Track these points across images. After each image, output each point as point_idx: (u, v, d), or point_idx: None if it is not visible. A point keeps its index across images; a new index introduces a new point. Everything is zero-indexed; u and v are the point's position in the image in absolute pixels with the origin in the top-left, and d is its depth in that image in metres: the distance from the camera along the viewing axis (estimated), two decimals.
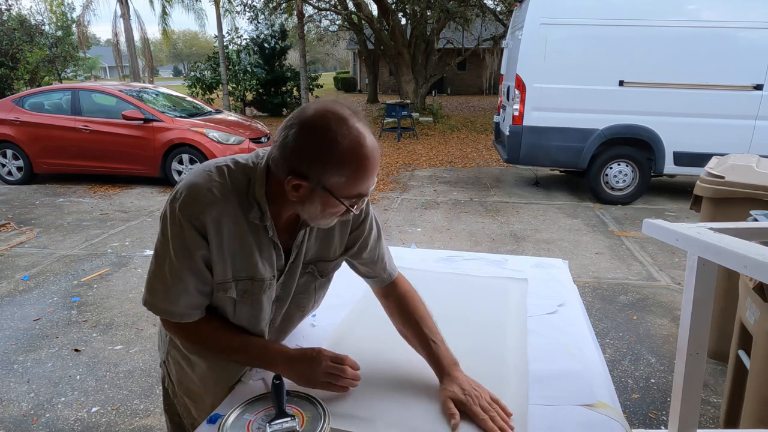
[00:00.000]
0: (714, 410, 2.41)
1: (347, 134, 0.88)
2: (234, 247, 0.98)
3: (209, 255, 0.97)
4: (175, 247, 0.96)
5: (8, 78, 12.89)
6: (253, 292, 1.03)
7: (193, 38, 56.74)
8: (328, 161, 0.88)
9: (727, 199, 2.68)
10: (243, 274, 1.01)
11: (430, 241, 4.84)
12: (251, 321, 1.08)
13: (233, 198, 0.96)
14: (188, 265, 0.97)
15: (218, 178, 0.96)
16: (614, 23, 5.72)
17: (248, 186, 0.97)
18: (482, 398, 1.01)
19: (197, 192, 0.94)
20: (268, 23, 16.81)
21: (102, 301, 3.60)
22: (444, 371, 1.07)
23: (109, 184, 7.27)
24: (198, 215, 0.93)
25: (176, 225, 0.94)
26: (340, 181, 0.89)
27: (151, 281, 1.00)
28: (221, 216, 0.95)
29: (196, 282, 0.99)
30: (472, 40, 19.05)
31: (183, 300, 0.99)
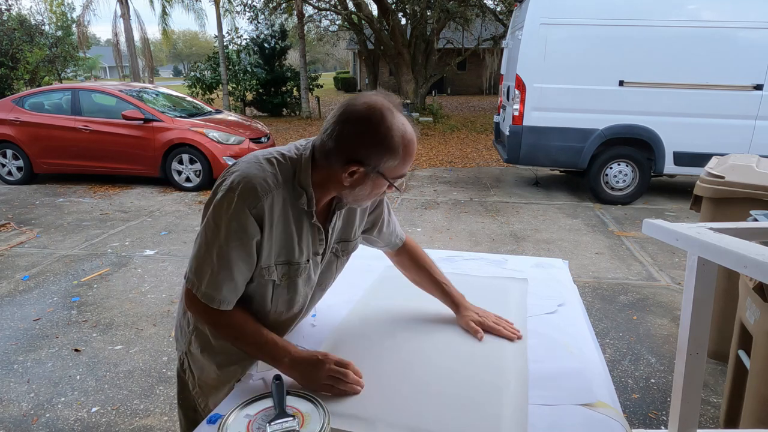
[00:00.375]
0: (714, 410, 2.41)
1: (397, 124, 1.01)
2: (279, 233, 1.06)
3: (261, 241, 1.04)
4: (231, 234, 1.01)
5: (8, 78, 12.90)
6: (290, 276, 1.12)
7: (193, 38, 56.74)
8: (386, 149, 1.00)
9: (727, 199, 2.68)
10: (282, 258, 1.09)
11: (430, 241, 4.84)
12: (288, 304, 1.16)
13: (283, 187, 1.04)
14: (240, 252, 1.03)
15: (270, 169, 1.04)
16: (614, 23, 5.72)
17: (294, 175, 1.06)
18: (491, 317, 1.32)
19: (255, 182, 1.01)
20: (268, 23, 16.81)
21: (102, 301, 3.60)
22: (459, 304, 1.35)
23: (109, 184, 7.27)
24: (256, 203, 1.00)
25: (235, 213, 1.00)
26: (393, 164, 1.02)
27: (199, 265, 1.05)
28: (274, 204, 1.03)
29: (243, 268, 1.05)
30: (472, 40, 19.04)
31: (225, 286, 1.04)
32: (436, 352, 1.22)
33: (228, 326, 1.09)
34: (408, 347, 1.24)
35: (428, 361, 1.18)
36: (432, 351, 1.22)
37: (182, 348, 1.28)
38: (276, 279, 1.10)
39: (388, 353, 1.21)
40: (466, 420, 0.98)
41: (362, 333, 1.32)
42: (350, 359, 1.19)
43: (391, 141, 1.00)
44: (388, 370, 1.15)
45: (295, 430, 0.89)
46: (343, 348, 1.25)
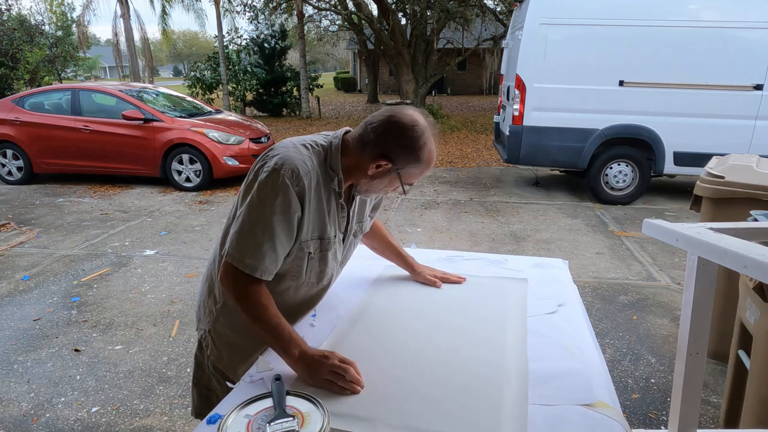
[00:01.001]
0: (714, 410, 2.41)
1: (429, 141, 1.18)
2: (315, 210, 1.19)
3: (302, 217, 1.16)
4: (275, 209, 1.12)
5: (8, 78, 12.90)
6: (322, 249, 1.25)
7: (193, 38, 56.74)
8: (414, 158, 1.17)
9: (727, 199, 2.68)
10: (316, 233, 1.22)
11: (430, 241, 4.84)
12: (319, 275, 1.30)
13: (318, 169, 1.18)
14: (284, 225, 1.13)
15: (307, 153, 1.18)
16: (614, 23, 5.72)
17: (325, 160, 1.21)
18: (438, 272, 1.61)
19: (297, 163, 1.13)
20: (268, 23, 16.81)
21: (102, 301, 3.60)
22: (412, 265, 1.61)
23: (109, 184, 7.27)
24: (299, 182, 1.12)
25: (281, 189, 1.11)
26: (413, 171, 1.19)
27: (242, 240, 1.13)
28: (311, 183, 1.16)
29: (285, 242, 1.15)
30: (472, 40, 19.04)
31: (268, 257, 1.14)
32: (436, 352, 1.22)
33: (256, 302, 1.15)
34: (408, 347, 1.24)
35: (428, 361, 1.18)
36: (432, 351, 1.22)
37: (204, 327, 1.37)
38: (311, 252, 1.23)
39: (388, 353, 1.22)
40: (466, 420, 0.98)
41: (362, 333, 1.32)
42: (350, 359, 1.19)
43: (421, 153, 1.16)
44: (388, 370, 1.15)
45: (295, 430, 0.89)
46: (342, 348, 1.24)
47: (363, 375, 1.08)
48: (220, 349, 1.36)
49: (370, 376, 1.11)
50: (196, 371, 1.46)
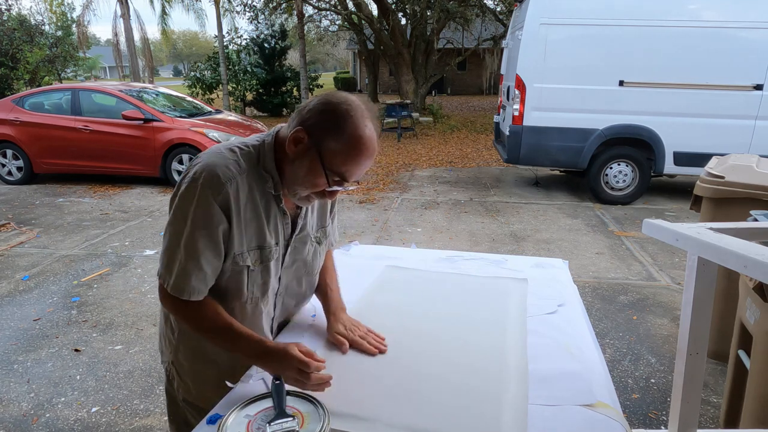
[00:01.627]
0: (714, 410, 2.41)
1: (358, 117, 1.02)
2: (248, 219, 1.08)
3: (229, 229, 1.05)
4: (197, 223, 1.02)
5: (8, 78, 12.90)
6: (263, 260, 1.13)
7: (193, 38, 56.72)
8: (333, 127, 1.01)
9: (727, 199, 2.68)
10: (254, 243, 1.10)
11: (430, 241, 4.84)
12: (263, 287, 1.16)
13: (248, 173, 1.06)
14: (207, 240, 1.03)
15: (232, 156, 1.06)
16: (614, 23, 5.72)
17: (258, 160, 1.08)
18: (359, 330, 1.23)
19: (217, 170, 1.02)
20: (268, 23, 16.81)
21: (102, 301, 3.60)
22: (331, 313, 1.28)
23: (109, 184, 7.27)
24: (220, 190, 1.01)
25: (200, 202, 1.01)
26: (333, 148, 1.01)
27: (167, 259, 1.06)
28: (238, 190, 1.04)
29: (211, 258, 1.05)
30: (472, 40, 19.04)
31: (194, 276, 1.05)
32: (436, 352, 1.22)
33: (201, 319, 1.09)
34: (408, 347, 1.24)
35: (428, 360, 1.18)
36: (432, 351, 1.22)
37: (168, 358, 1.27)
38: (250, 264, 1.11)
39: (387, 353, 1.21)
40: (466, 420, 0.98)
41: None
42: (350, 359, 1.19)
43: (342, 124, 1.00)
44: (387, 370, 1.15)
45: (295, 430, 0.89)
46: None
47: (363, 375, 1.08)
48: (186, 382, 1.25)
49: (370, 376, 1.11)
50: (170, 406, 1.34)
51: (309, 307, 1.45)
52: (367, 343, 1.20)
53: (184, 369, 1.24)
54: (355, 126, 1.01)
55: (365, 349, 1.18)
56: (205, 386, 1.22)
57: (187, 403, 1.27)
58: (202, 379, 1.23)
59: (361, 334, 1.22)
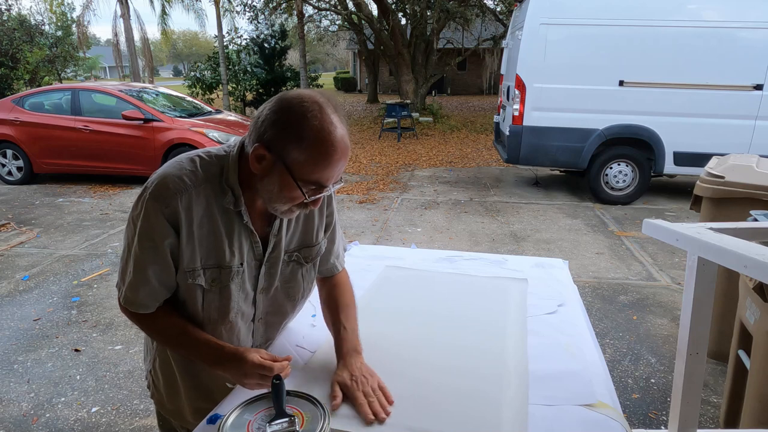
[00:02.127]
0: (714, 410, 2.41)
1: (318, 116, 0.91)
2: (204, 235, 0.99)
3: (177, 243, 0.98)
4: (141, 235, 0.97)
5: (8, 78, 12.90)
6: (221, 280, 1.03)
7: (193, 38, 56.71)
8: (293, 135, 0.90)
9: (727, 199, 2.68)
10: (211, 261, 1.01)
11: (430, 241, 4.84)
12: (221, 310, 1.06)
13: (205, 185, 0.98)
14: (152, 255, 0.98)
15: (189, 167, 0.98)
16: (614, 23, 5.72)
17: (221, 173, 0.99)
18: (368, 384, 1.03)
19: (168, 181, 0.96)
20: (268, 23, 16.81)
21: (102, 301, 3.60)
22: (341, 356, 1.10)
23: (109, 184, 7.27)
24: (169, 203, 0.95)
25: (145, 213, 0.96)
26: (299, 159, 0.91)
27: (121, 269, 1.04)
28: (191, 203, 0.97)
29: (159, 272, 0.99)
30: (472, 40, 19.04)
31: (142, 290, 1.01)
32: (436, 353, 1.21)
33: (158, 331, 1.06)
34: (407, 347, 1.24)
35: (428, 361, 1.18)
36: (432, 351, 1.22)
37: (148, 367, 1.23)
38: (204, 284, 1.02)
39: (387, 353, 1.21)
40: (466, 420, 0.98)
41: (362, 333, 1.32)
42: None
43: (300, 130, 0.90)
44: (388, 370, 1.14)
45: (295, 430, 0.89)
46: None
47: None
48: (161, 393, 1.21)
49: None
50: (158, 416, 1.30)
51: (309, 306, 1.45)
52: (367, 405, 0.98)
53: (160, 380, 1.21)
54: (317, 127, 0.90)
55: (362, 411, 0.97)
56: (179, 400, 1.20)
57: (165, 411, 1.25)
58: (175, 393, 1.19)
59: (367, 390, 1.02)
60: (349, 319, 1.17)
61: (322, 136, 0.90)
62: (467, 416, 0.99)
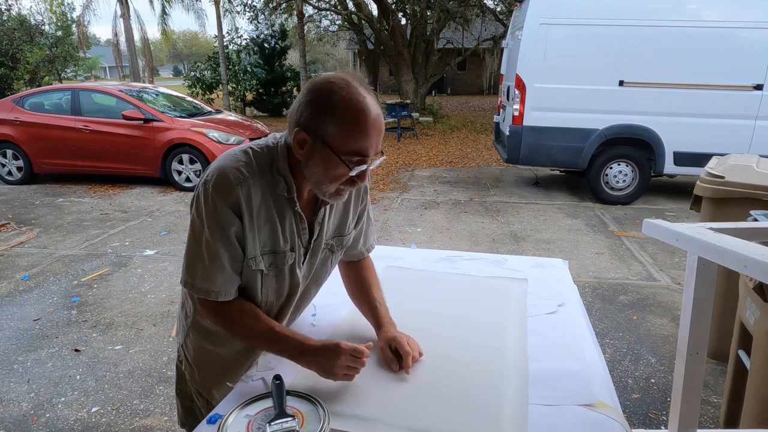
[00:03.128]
0: (714, 410, 2.41)
1: (347, 90, 0.97)
2: (262, 223, 1.06)
3: (242, 231, 1.04)
4: (211, 226, 1.02)
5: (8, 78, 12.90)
6: (277, 264, 1.11)
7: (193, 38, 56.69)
8: (325, 112, 0.96)
9: (727, 199, 2.68)
10: (268, 247, 1.08)
11: (430, 241, 4.84)
12: (278, 293, 1.15)
13: (260, 175, 1.04)
14: (223, 242, 1.03)
15: (244, 159, 1.04)
16: (614, 23, 5.72)
17: (272, 163, 1.06)
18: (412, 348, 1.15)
19: (227, 172, 1.01)
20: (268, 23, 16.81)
21: (102, 301, 3.60)
22: (382, 325, 1.22)
23: (109, 184, 7.27)
24: (230, 193, 1.00)
25: (210, 204, 1.01)
26: (335, 131, 0.96)
27: (190, 262, 1.07)
28: (251, 192, 1.02)
29: (230, 259, 1.05)
30: (472, 40, 19.04)
31: (219, 278, 1.05)
32: (436, 352, 1.21)
33: (235, 323, 1.09)
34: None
35: (428, 361, 1.18)
36: (432, 351, 1.22)
37: (180, 341, 1.30)
38: (264, 269, 1.09)
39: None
40: (466, 420, 0.98)
41: (362, 333, 1.32)
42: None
43: (330, 103, 0.96)
44: (388, 370, 1.15)
45: (295, 430, 0.89)
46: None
47: (363, 375, 1.07)
48: (192, 367, 1.28)
49: (371, 376, 1.11)
50: (178, 382, 1.37)
51: (309, 306, 1.45)
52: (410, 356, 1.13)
53: (190, 354, 1.27)
54: (346, 98, 0.96)
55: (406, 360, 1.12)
56: (208, 377, 1.27)
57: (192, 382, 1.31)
58: (206, 371, 1.26)
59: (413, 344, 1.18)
60: (378, 298, 1.29)
61: (352, 105, 0.96)
62: (467, 416, 0.99)
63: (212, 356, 1.24)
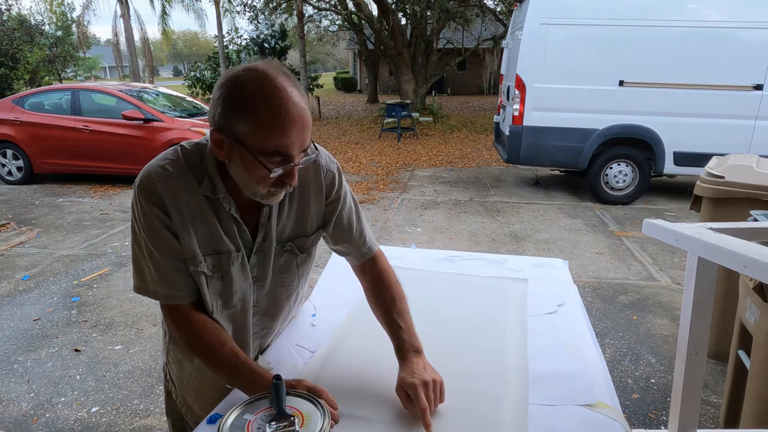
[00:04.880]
0: (714, 410, 2.41)
1: (257, 82, 0.86)
2: (196, 222, 0.99)
3: (174, 228, 0.98)
4: (146, 228, 0.97)
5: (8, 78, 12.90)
6: (222, 266, 1.03)
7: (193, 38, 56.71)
8: (236, 109, 0.87)
9: (727, 199, 2.68)
10: (210, 248, 1.01)
11: (430, 241, 4.84)
12: (225, 296, 1.06)
13: (187, 173, 0.98)
14: (160, 243, 0.98)
15: (171, 156, 0.99)
16: (614, 23, 5.72)
17: (201, 161, 0.99)
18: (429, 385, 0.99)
19: (151, 171, 0.97)
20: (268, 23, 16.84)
21: (102, 301, 3.60)
22: (403, 358, 1.06)
23: (109, 184, 7.27)
24: (154, 191, 0.95)
25: (140, 205, 0.97)
26: (248, 130, 0.86)
27: (136, 266, 1.02)
28: (176, 190, 0.96)
29: (172, 259, 0.99)
30: (472, 40, 19.04)
31: (166, 281, 1.00)
32: (436, 353, 1.21)
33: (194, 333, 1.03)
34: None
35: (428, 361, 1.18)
36: (432, 351, 1.22)
37: (164, 358, 1.27)
38: (207, 271, 1.02)
39: (387, 353, 1.21)
40: (467, 420, 0.98)
41: (362, 333, 1.32)
42: (350, 359, 1.18)
43: (241, 99, 0.86)
44: (388, 370, 1.14)
45: (295, 430, 0.89)
46: (342, 348, 1.25)
47: (363, 375, 1.08)
48: (177, 388, 1.24)
49: (371, 375, 1.12)
50: (167, 399, 1.32)
51: (309, 306, 1.45)
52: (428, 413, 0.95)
53: (172, 367, 1.24)
54: (256, 92, 0.85)
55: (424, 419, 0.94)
56: (187, 394, 1.23)
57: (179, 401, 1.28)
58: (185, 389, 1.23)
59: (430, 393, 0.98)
60: (403, 316, 1.12)
61: (264, 99, 0.85)
62: (467, 416, 0.99)
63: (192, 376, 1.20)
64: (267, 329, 1.22)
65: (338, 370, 1.15)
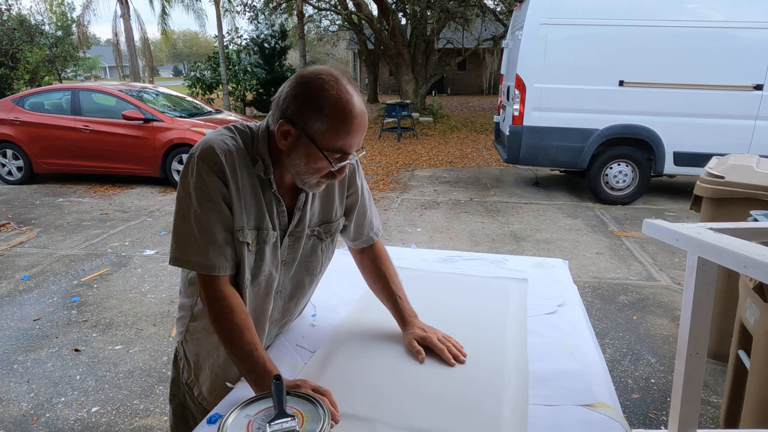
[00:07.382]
0: (714, 410, 2.41)
1: (335, 86, 0.97)
2: (248, 196, 1.06)
3: (230, 199, 1.03)
4: (199, 196, 1.01)
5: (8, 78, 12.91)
6: (259, 241, 1.09)
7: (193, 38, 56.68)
8: (313, 106, 0.97)
9: (727, 199, 2.68)
10: (252, 223, 1.08)
11: (430, 241, 4.84)
12: (254, 270, 1.11)
13: (243, 151, 1.05)
14: (213, 211, 1.02)
15: (229, 134, 1.07)
16: (614, 23, 5.73)
17: (252, 143, 1.07)
18: (438, 334, 1.20)
19: (212, 143, 1.02)
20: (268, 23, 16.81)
21: (102, 301, 3.60)
22: (405, 321, 1.25)
23: (109, 184, 7.27)
24: (216, 161, 1.01)
25: (197, 174, 1.01)
26: (322, 128, 0.97)
27: (179, 237, 1.04)
28: (235, 163, 1.03)
29: (222, 229, 1.03)
30: (472, 40, 19.05)
31: (212, 250, 1.02)
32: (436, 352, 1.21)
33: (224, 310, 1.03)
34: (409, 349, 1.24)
35: (428, 361, 1.18)
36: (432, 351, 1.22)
37: (179, 338, 1.27)
38: (249, 242, 1.07)
39: (388, 353, 1.21)
40: (466, 420, 0.98)
41: (362, 333, 1.32)
42: (350, 359, 1.18)
43: (319, 100, 0.96)
44: (388, 370, 1.14)
45: (295, 430, 0.89)
46: (342, 348, 1.25)
47: (363, 375, 1.08)
48: (191, 366, 1.25)
49: (370, 376, 1.11)
50: (171, 386, 1.33)
51: (309, 306, 1.45)
52: (446, 350, 1.16)
53: (189, 350, 1.24)
54: (335, 97, 0.96)
55: (444, 356, 1.15)
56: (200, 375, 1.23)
57: (188, 386, 1.27)
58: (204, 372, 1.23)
59: (440, 338, 1.19)
60: (399, 288, 1.30)
61: (341, 104, 0.97)
62: (467, 416, 0.99)
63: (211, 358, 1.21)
64: (287, 318, 1.28)
65: (338, 370, 1.15)
